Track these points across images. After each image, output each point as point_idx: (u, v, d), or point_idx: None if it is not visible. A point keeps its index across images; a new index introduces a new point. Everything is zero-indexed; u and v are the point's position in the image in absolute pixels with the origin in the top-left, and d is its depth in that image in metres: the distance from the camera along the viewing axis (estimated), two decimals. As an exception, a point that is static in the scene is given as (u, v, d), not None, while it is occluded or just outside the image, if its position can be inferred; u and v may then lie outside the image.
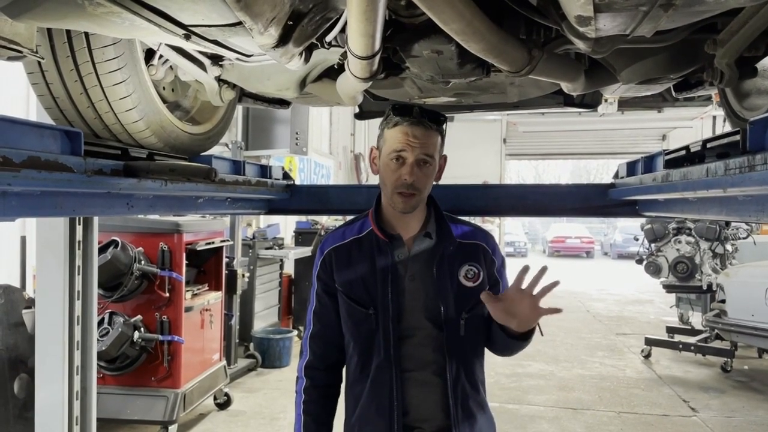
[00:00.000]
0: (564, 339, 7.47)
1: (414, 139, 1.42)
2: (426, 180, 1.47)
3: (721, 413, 4.86)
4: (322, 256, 1.58)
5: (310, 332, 1.60)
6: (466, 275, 1.52)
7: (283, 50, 1.36)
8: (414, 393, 1.49)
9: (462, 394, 1.50)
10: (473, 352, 1.55)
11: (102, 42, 1.55)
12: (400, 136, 1.43)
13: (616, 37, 1.42)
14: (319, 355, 1.58)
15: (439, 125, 1.47)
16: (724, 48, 1.57)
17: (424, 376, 1.50)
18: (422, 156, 1.43)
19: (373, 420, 1.50)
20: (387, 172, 1.47)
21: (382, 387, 1.48)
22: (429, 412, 1.49)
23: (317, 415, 1.57)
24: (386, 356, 1.47)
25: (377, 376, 1.49)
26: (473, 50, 1.32)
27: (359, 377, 1.52)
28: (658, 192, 1.79)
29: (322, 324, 1.57)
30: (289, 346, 5.99)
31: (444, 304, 1.48)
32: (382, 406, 1.48)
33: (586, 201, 2.48)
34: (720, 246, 6.40)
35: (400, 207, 1.47)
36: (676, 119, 13.28)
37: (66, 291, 2.59)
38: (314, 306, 1.59)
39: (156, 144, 1.82)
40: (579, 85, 1.90)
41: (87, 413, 2.72)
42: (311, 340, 1.59)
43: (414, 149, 1.42)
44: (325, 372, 1.59)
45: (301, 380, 1.59)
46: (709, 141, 1.40)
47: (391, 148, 1.45)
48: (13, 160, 1.16)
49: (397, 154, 1.44)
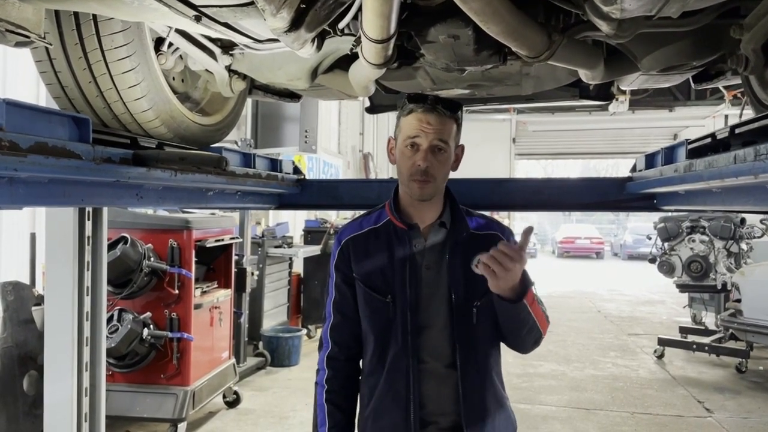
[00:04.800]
0: (575, 339, 7.39)
1: (428, 125, 1.41)
2: (441, 167, 1.45)
3: (736, 414, 4.78)
4: (339, 246, 1.57)
5: (330, 324, 1.58)
6: None
7: (295, 35, 1.33)
8: (430, 385, 1.47)
9: (473, 387, 1.47)
10: (486, 342, 1.52)
11: (111, 29, 1.53)
12: (414, 122, 1.42)
13: (639, 20, 1.37)
14: (341, 345, 1.56)
15: (454, 112, 1.45)
16: (750, 33, 1.52)
17: (440, 368, 1.47)
18: (436, 142, 1.42)
19: (389, 410, 1.48)
20: (402, 160, 1.46)
21: (398, 376, 1.46)
22: (445, 405, 1.47)
23: (341, 405, 1.55)
24: (404, 345, 1.45)
25: (394, 365, 1.47)
26: (492, 32, 1.28)
27: (376, 367, 1.51)
28: (680, 183, 1.73)
29: (342, 315, 1.56)
30: (299, 345, 5.96)
31: (455, 292, 1.46)
32: (399, 396, 1.46)
33: (602, 195, 2.43)
34: (735, 245, 6.30)
35: (417, 194, 1.45)
36: (688, 118, 13.16)
37: (75, 287, 2.57)
38: (333, 297, 1.57)
39: (165, 134, 1.79)
40: (598, 74, 1.85)
41: (96, 410, 2.70)
42: (332, 331, 1.57)
43: (428, 135, 1.41)
44: (347, 362, 1.57)
45: (323, 371, 1.57)
46: (737, 126, 1.35)
47: (405, 134, 1.44)
48: (20, 146, 1.13)
49: (411, 141, 1.43)
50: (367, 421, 1.52)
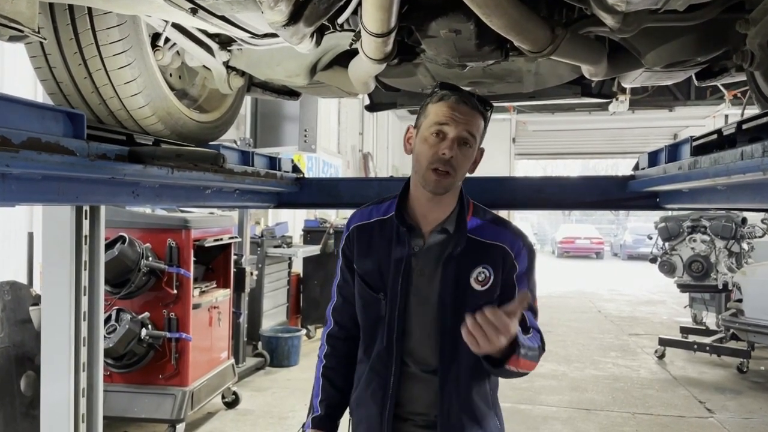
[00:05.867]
0: (575, 339, 7.37)
1: (459, 114, 1.35)
2: (463, 162, 1.38)
3: (738, 414, 4.76)
4: (348, 232, 1.57)
5: (333, 304, 1.61)
6: (477, 278, 1.44)
7: (293, 29, 1.30)
8: (409, 388, 1.46)
9: (453, 396, 1.43)
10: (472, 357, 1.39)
11: (107, 23, 1.50)
12: (445, 109, 1.36)
13: (644, 14, 1.35)
14: (341, 325, 1.60)
15: (485, 109, 1.40)
16: (756, 27, 1.49)
17: (421, 373, 1.46)
18: (464, 133, 1.36)
19: (367, 402, 1.50)
20: (424, 147, 1.38)
21: (379, 376, 1.47)
22: (422, 407, 1.47)
23: (334, 380, 1.59)
24: (388, 346, 1.45)
25: (376, 364, 1.47)
26: (495, 26, 1.25)
27: (362, 358, 1.53)
28: (685, 180, 1.71)
29: (344, 298, 1.59)
30: (298, 345, 5.93)
31: (443, 305, 1.42)
32: (377, 392, 1.47)
33: (603, 193, 2.40)
34: (736, 244, 6.27)
35: (432, 185, 1.38)
36: (688, 118, 13.14)
37: (72, 286, 2.54)
38: (338, 279, 1.60)
39: (162, 131, 1.76)
40: (601, 70, 1.82)
41: (93, 411, 2.66)
42: (334, 312, 1.61)
43: (458, 124, 1.35)
44: (345, 341, 1.60)
45: (323, 347, 1.62)
46: (744, 122, 1.33)
47: (433, 121, 1.37)
48: (12, 141, 1.10)
49: (438, 128, 1.36)
50: (353, 404, 1.56)
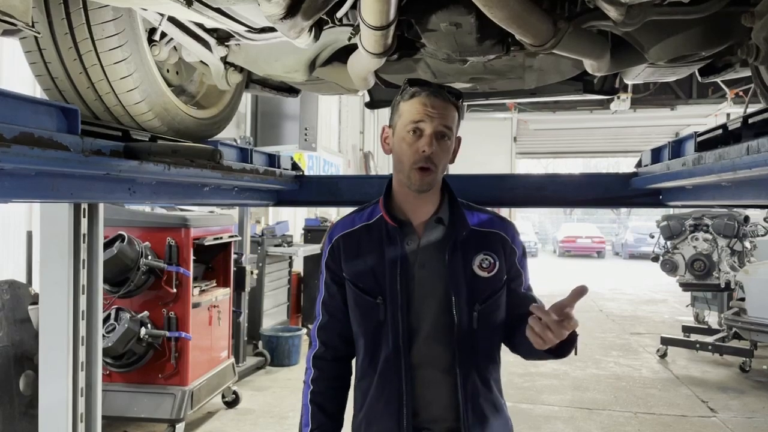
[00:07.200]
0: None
1: (433, 109, 1.34)
2: (443, 156, 1.38)
3: (741, 414, 4.73)
4: (330, 244, 1.50)
5: (318, 323, 1.54)
6: (481, 264, 1.42)
7: (291, 23, 1.28)
8: (424, 390, 1.40)
9: (473, 392, 1.40)
10: (486, 348, 1.45)
11: (102, 17, 1.48)
12: (418, 106, 1.35)
13: (648, 6, 1.32)
14: (328, 346, 1.52)
15: (457, 99, 1.39)
16: (762, 20, 1.46)
17: (434, 372, 1.41)
18: (441, 127, 1.35)
19: (381, 416, 1.42)
20: (403, 147, 1.38)
21: (390, 381, 1.40)
22: (439, 411, 1.41)
23: (325, 406, 1.50)
24: (395, 348, 1.39)
25: (385, 370, 1.40)
26: (496, 18, 1.23)
27: (367, 371, 1.45)
28: (688, 177, 1.68)
29: (330, 315, 1.51)
30: (298, 344, 5.92)
31: (455, 294, 1.39)
32: (391, 402, 1.40)
33: (606, 191, 2.38)
34: (738, 243, 6.25)
35: (417, 184, 1.38)
36: (690, 116, 13.07)
37: (71, 285, 2.52)
38: (323, 296, 1.52)
39: (159, 128, 1.74)
40: (604, 64, 1.80)
41: (92, 410, 2.65)
42: (319, 331, 1.53)
43: (433, 120, 1.34)
44: (334, 363, 1.52)
45: (310, 371, 1.53)
46: (751, 116, 1.30)
47: (408, 119, 1.36)
48: (4, 135, 1.08)
49: (414, 126, 1.35)
50: (360, 426, 1.46)
